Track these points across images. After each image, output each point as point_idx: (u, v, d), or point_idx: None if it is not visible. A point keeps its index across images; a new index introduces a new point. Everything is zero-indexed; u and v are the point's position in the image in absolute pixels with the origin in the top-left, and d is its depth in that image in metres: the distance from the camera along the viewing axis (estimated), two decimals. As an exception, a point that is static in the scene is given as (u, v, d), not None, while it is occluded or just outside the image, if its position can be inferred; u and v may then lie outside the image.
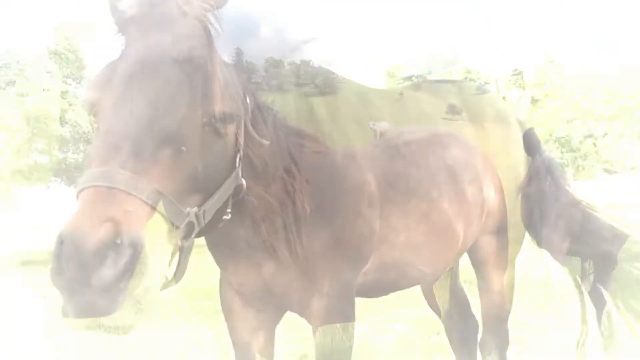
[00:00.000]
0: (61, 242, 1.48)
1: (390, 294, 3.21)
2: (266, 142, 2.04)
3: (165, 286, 1.82)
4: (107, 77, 1.71)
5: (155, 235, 1.59)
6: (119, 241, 1.48)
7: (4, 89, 22.55)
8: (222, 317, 2.69)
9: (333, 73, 2.90)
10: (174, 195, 1.62)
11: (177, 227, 1.66)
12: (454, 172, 2.94)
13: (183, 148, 1.63)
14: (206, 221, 1.80)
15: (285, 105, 2.67)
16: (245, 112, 1.97)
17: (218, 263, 2.55)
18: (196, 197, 1.73)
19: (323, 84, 2.84)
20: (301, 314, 2.50)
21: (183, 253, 1.77)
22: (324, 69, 2.64)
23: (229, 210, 1.95)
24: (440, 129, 3.04)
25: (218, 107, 1.73)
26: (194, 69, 1.69)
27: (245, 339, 2.58)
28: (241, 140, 1.92)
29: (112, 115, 1.63)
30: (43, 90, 21.83)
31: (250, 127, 1.98)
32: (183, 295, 10.24)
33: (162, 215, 1.60)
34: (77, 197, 1.60)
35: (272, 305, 2.53)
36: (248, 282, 2.43)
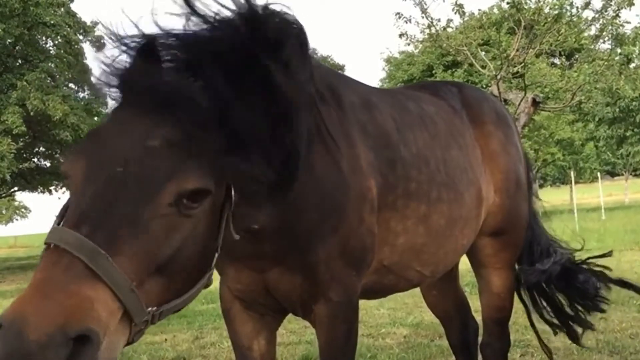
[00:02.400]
0: (1, 326, 1.30)
1: (389, 295, 3.23)
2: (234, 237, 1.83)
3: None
4: (82, 150, 1.66)
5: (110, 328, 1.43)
6: (70, 335, 1.31)
7: (6, 92, 22.65)
8: (223, 320, 2.70)
9: (336, 75, 2.89)
10: (138, 287, 1.48)
11: (134, 326, 1.51)
12: (453, 173, 2.94)
13: (140, 233, 1.50)
14: (160, 319, 1.63)
15: None
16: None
17: (218, 269, 2.54)
18: (162, 297, 1.59)
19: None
20: (305, 318, 2.51)
21: (133, 338, 1.56)
22: (324, 67, 2.63)
23: (219, 246, 1.80)
24: (440, 129, 3.03)
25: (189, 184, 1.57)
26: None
27: (246, 343, 2.57)
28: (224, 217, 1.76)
29: (79, 193, 1.56)
30: (45, 94, 21.92)
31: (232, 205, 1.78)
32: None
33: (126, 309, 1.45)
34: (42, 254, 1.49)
35: (273, 309, 2.53)
36: (250, 288, 2.43)
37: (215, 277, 2.69)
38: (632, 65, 22.47)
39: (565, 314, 3.93)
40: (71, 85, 26.96)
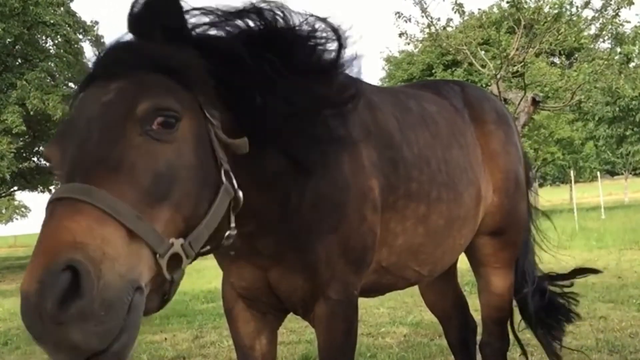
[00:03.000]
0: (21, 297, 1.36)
1: (388, 294, 3.23)
2: (244, 149, 1.84)
3: (160, 306, 1.67)
4: (57, 134, 1.73)
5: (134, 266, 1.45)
6: (55, 271, 1.32)
7: (5, 92, 22.65)
8: (224, 319, 2.70)
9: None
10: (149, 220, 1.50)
11: (160, 258, 1.51)
12: (453, 172, 2.94)
13: (119, 167, 1.52)
14: (197, 251, 1.64)
15: None
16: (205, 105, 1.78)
17: (222, 267, 2.56)
18: (178, 225, 1.59)
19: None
20: (305, 317, 2.51)
21: (173, 286, 1.60)
22: None
23: (233, 225, 1.82)
24: (442, 129, 3.04)
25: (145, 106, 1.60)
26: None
27: (248, 342, 2.57)
28: (215, 145, 1.76)
29: (61, 167, 1.60)
30: (45, 93, 21.91)
31: (217, 132, 1.78)
32: (186, 298, 10.28)
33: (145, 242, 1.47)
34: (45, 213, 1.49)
35: (275, 308, 2.53)
36: (253, 286, 2.43)
37: (217, 276, 2.70)
38: (631, 65, 22.46)
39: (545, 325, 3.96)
40: (71, 84, 26.90)
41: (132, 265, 1.44)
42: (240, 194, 1.79)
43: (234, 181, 1.78)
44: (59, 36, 25.04)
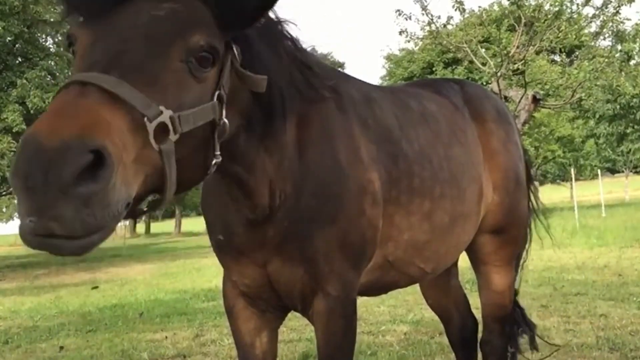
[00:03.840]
0: (22, 144, 1.34)
1: (390, 292, 3.23)
2: (262, 87, 1.91)
3: (155, 204, 1.65)
4: (88, 21, 1.69)
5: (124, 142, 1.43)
6: (88, 145, 1.32)
7: (6, 90, 22.65)
8: (225, 318, 2.71)
9: (336, 71, 2.89)
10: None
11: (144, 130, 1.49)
12: (456, 170, 2.95)
13: (154, 83, 1.55)
14: (183, 130, 1.60)
15: None
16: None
17: (223, 264, 2.57)
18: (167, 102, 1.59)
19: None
20: (304, 314, 2.51)
21: (165, 159, 1.54)
22: (324, 64, 2.63)
23: (217, 153, 1.82)
24: (442, 127, 3.04)
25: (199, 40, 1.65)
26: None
27: (248, 340, 2.58)
28: (223, 80, 1.80)
29: (89, 46, 1.60)
30: (45, 92, 21.91)
31: (237, 67, 1.85)
32: (186, 297, 10.30)
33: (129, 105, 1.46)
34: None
35: (275, 306, 2.54)
36: (254, 284, 2.44)
37: (217, 274, 2.70)
38: (632, 62, 22.51)
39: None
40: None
41: (136, 181, 1.47)
42: (227, 123, 1.81)
43: (224, 110, 1.80)
44: (59, 34, 25.01)
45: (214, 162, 1.82)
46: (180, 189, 1.69)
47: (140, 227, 59.31)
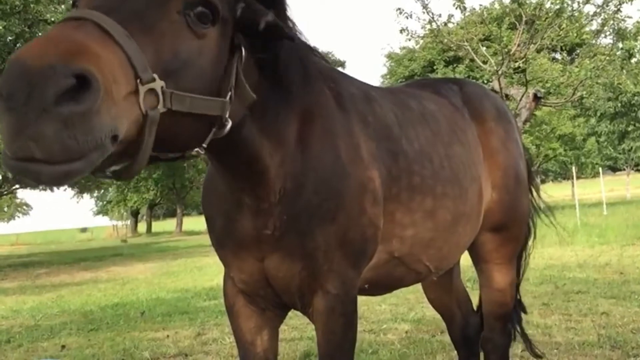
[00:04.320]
0: (7, 66, 1.33)
1: (394, 291, 3.23)
2: (251, 96, 1.91)
3: (122, 172, 1.60)
4: None
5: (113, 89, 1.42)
6: (72, 68, 1.31)
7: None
8: (226, 316, 2.71)
9: (336, 70, 2.89)
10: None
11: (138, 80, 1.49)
12: (457, 169, 2.95)
13: (150, 30, 1.57)
14: (173, 107, 1.59)
15: None
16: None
17: (222, 259, 2.57)
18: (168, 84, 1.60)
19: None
20: (304, 313, 2.51)
21: (146, 126, 1.52)
22: (324, 63, 2.64)
23: (204, 145, 1.82)
24: (442, 126, 3.04)
25: None
26: None
27: (249, 338, 2.58)
28: (234, 65, 1.82)
29: None
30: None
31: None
32: (188, 295, 10.30)
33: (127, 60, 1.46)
34: None
35: (274, 304, 2.54)
36: (251, 279, 2.44)
37: (219, 273, 2.70)
38: (633, 60, 22.49)
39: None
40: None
41: (124, 116, 1.45)
42: (229, 124, 1.82)
43: (229, 102, 1.81)
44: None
45: (194, 151, 1.82)
46: (151, 161, 1.68)
47: (142, 226, 59.40)
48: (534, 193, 3.85)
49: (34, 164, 1.31)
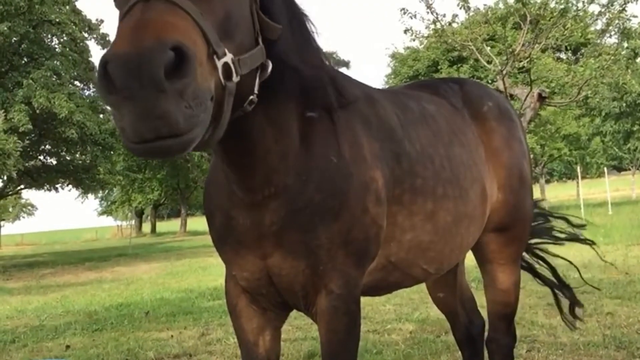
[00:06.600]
0: (105, 62, 1.40)
1: (394, 292, 3.22)
2: (278, 27, 2.01)
3: (209, 140, 1.68)
4: None
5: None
6: (167, 43, 1.40)
7: (12, 90, 22.73)
8: (228, 317, 2.70)
9: (339, 72, 2.88)
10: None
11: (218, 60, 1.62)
12: (457, 169, 2.94)
13: None
14: (242, 72, 1.74)
15: None
16: None
17: (223, 257, 2.56)
18: (227, 46, 1.70)
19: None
20: (307, 313, 2.50)
21: (226, 97, 1.65)
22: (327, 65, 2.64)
23: (256, 92, 1.94)
24: (442, 127, 3.03)
25: None
26: None
27: (252, 338, 2.57)
28: (255, 20, 1.92)
29: None
30: (50, 92, 21.99)
31: (257, 8, 1.96)
32: (192, 296, 10.31)
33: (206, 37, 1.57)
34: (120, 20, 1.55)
35: (276, 304, 2.53)
36: (253, 277, 2.43)
37: (223, 273, 2.70)
38: (638, 60, 22.42)
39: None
40: (77, 83, 27.05)
41: (212, 78, 1.57)
42: (270, 64, 1.95)
43: (263, 48, 1.93)
44: (64, 35, 25.14)
45: (251, 98, 1.93)
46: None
47: (146, 226, 59.48)
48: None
49: (162, 141, 1.42)
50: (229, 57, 1.65)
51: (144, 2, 1.51)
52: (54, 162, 27.76)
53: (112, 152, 27.92)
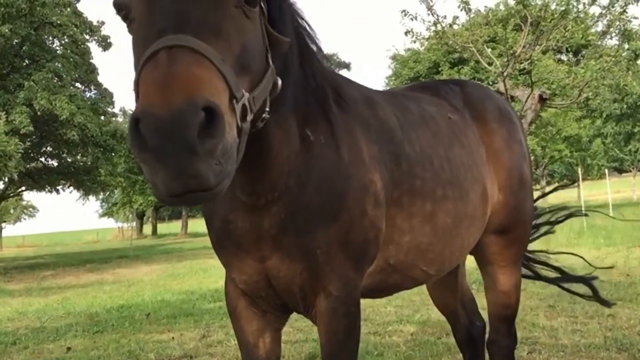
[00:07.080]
0: (137, 120, 1.42)
1: (395, 293, 3.22)
2: (286, 40, 2.01)
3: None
4: None
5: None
6: (199, 105, 1.42)
7: (13, 92, 22.75)
8: (229, 319, 2.70)
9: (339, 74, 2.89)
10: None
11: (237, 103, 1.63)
12: (457, 171, 2.94)
13: (220, 32, 1.64)
14: (256, 109, 1.77)
15: None
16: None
17: (222, 260, 2.56)
18: (243, 83, 1.71)
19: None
20: (306, 315, 2.50)
21: (242, 136, 1.66)
22: (327, 67, 2.64)
23: (267, 109, 1.94)
24: (442, 128, 3.04)
25: None
26: None
27: (252, 340, 2.57)
28: (265, 39, 1.93)
29: (148, 9, 1.64)
30: (52, 94, 22.00)
31: (265, 23, 1.96)
32: (193, 297, 10.31)
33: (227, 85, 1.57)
34: (141, 71, 1.53)
35: (275, 306, 2.53)
36: (250, 279, 2.44)
37: (224, 275, 2.70)
38: (639, 61, 22.35)
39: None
40: (78, 84, 27.06)
41: (233, 123, 1.58)
42: (279, 81, 1.96)
43: (273, 67, 1.93)
44: (65, 37, 25.16)
45: (263, 115, 1.93)
46: None
47: (147, 228, 59.47)
48: None
49: (193, 195, 1.47)
50: (245, 98, 1.66)
51: (168, 49, 1.50)
52: (55, 164, 27.78)
53: (113, 154, 27.91)
